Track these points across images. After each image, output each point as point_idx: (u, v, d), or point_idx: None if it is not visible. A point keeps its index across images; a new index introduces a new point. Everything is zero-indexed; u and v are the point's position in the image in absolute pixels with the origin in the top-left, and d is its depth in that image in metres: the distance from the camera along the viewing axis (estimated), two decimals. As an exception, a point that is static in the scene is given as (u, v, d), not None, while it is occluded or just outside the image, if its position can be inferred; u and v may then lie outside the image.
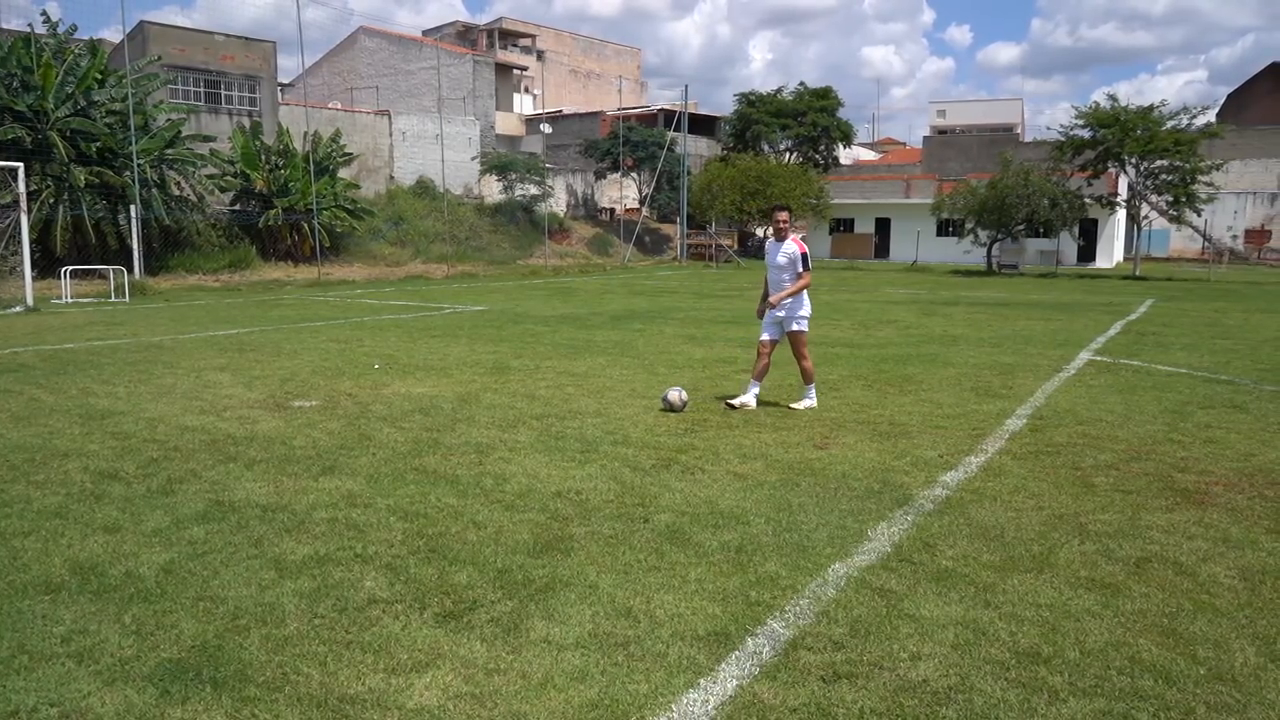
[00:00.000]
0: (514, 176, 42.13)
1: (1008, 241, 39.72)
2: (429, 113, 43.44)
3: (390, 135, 40.71)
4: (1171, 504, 5.65)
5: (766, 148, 52.67)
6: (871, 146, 77.25)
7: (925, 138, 63.38)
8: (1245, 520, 5.34)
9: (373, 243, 35.18)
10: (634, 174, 49.31)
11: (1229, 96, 73.68)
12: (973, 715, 3.20)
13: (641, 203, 48.89)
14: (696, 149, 55.49)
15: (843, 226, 50.87)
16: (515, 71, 56.63)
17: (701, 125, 59.14)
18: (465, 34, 61.87)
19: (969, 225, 38.87)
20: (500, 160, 43.05)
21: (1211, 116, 42.22)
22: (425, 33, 61.04)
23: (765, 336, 8.64)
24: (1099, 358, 12.14)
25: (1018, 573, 4.49)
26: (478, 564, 4.54)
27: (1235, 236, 50.60)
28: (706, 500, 5.63)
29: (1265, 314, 19.29)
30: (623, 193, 50.38)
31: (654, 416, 8.09)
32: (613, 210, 50.20)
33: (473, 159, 43.53)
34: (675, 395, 8.28)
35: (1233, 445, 7.16)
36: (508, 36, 62.01)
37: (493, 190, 43.35)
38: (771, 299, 8.49)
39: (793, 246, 8.45)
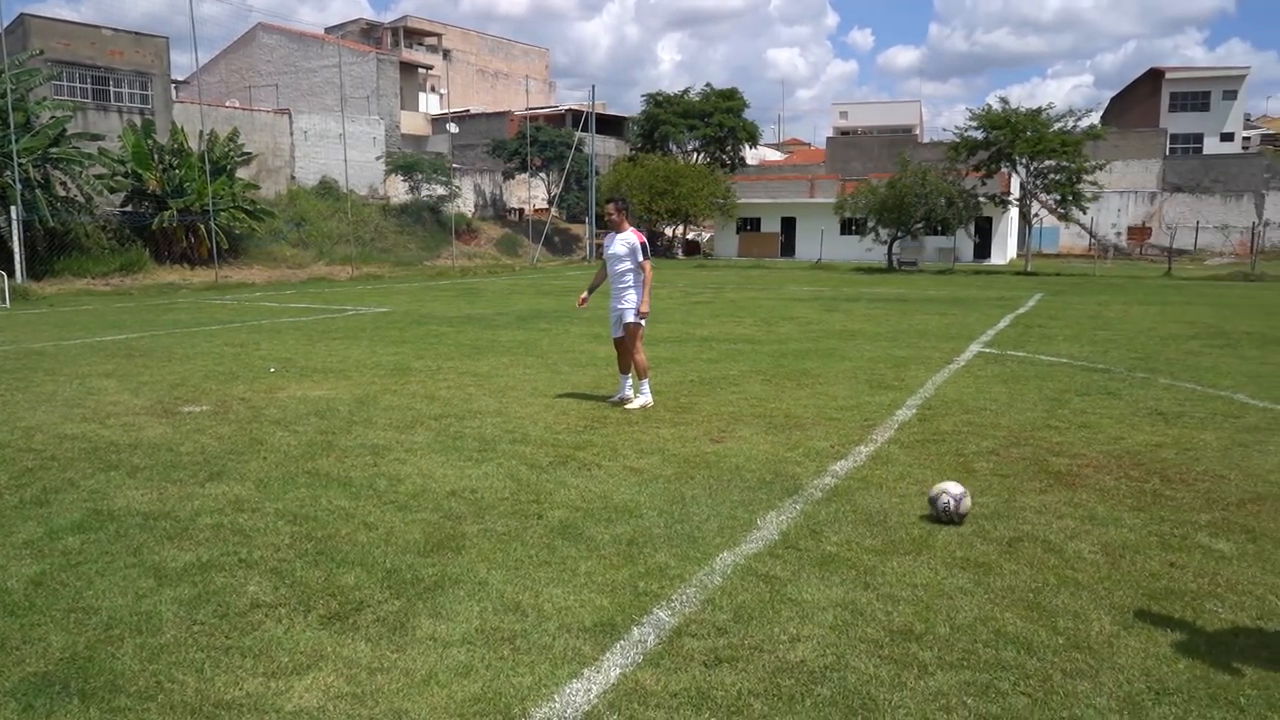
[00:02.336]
0: (420, 177, 41.64)
1: (907, 239, 40.85)
2: (331, 112, 42.56)
3: (291, 134, 39.76)
4: (1045, 486, 5.92)
5: (674, 148, 53.16)
6: (777, 147, 78.58)
7: (829, 138, 64.78)
8: (1111, 499, 5.63)
9: (273, 244, 34.30)
10: (542, 174, 49.19)
11: (1112, 100, 77.13)
12: (846, 692, 3.31)
13: (550, 203, 48.79)
14: (605, 149, 55.63)
15: (749, 226, 51.59)
16: (421, 70, 55.89)
17: (610, 126, 59.31)
18: (369, 32, 60.85)
19: (870, 224, 39.88)
20: (406, 160, 42.47)
21: (1096, 119, 44.09)
22: (328, 30, 59.79)
23: (616, 335, 8.63)
24: (988, 350, 12.60)
25: (897, 555, 4.65)
26: (366, 565, 4.50)
27: (1119, 233, 53.01)
28: (601, 495, 5.67)
29: (1143, 306, 20.28)
30: (531, 193, 50.20)
31: (554, 414, 8.11)
32: (521, 210, 49.98)
33: (377, 159, 42.83)
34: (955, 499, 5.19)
35: (1104, 430, 7.53)
36: (413, 35, 61.19)
37: (398, 191, 42.74)
38: (643, 308, 8.33)
39: (631, 237, 8.34)
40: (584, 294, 9.03)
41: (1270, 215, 51.05)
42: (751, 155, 60.17)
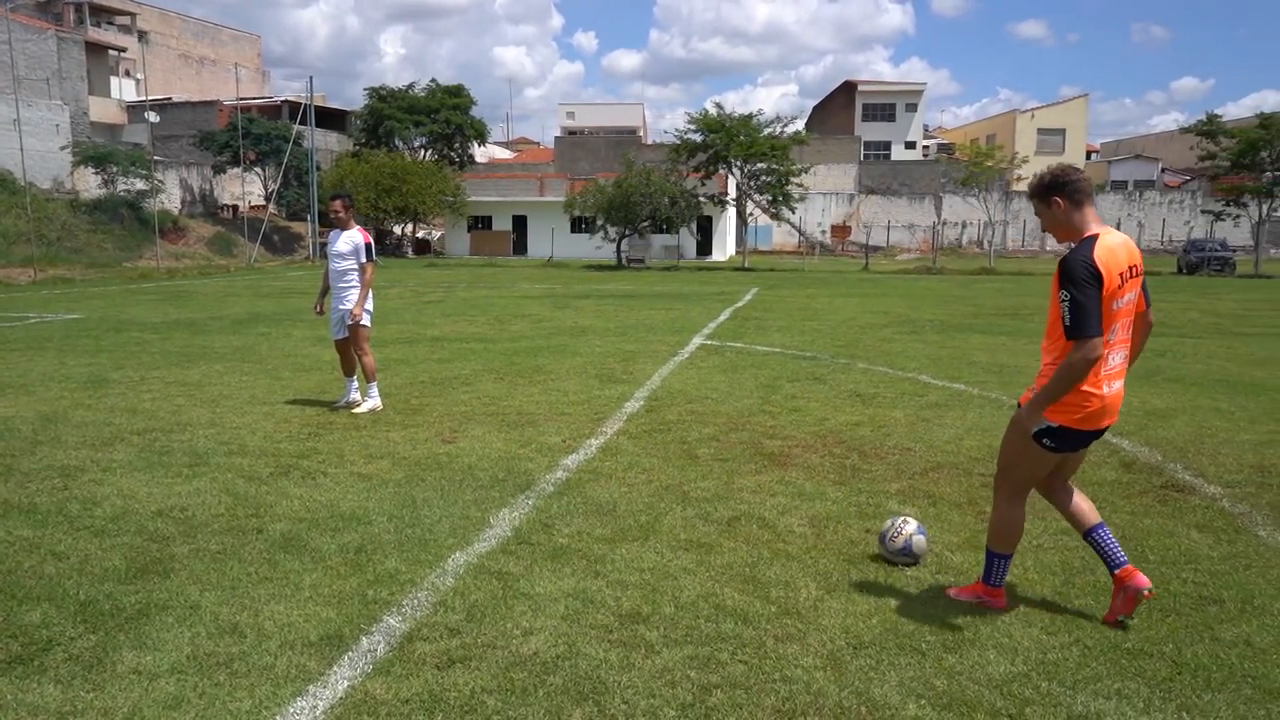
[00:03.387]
0: (115, 170, 37.85)
1: (635, 237, 42.25)
2: (3, 95, 37.74)
3: (-49, 119, 34.85)
4: (760, 467, 6.34)
5: (400, 144, 51.78)
6: (507, 145, 78.63)
7: (557, 138, 65.61)
8: (817, 476, 6.13)
9: (-67, 245, 29.96)
10: (258, 169, 46.30)
11: (814, 109, 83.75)
12: (578, 678, 3.39)
13: (268, 199, 45.97)
14: (326, 144, 53.26)
15: (481, 224, 51.28)
16: (112, 53, 50.89)
17: (331, 119, 56.86)
18: (48, 6, 54.46)
19: (599, 222, 40.87)
20: (97, 151, 38.50)
21: (800, 125, 47.65)
22: (-6, 2, 52.90)
23: (337, 337, 8.37)
24: (709, 342, 13.30)
25: (626, 542, 4.81)
26: (55, 599, 4.06)
27: (824, 231, 57.66)
28: (327, 504, 5.45)
29: (845, 298, 22.20)
30: (246, 189, 47.07)
31: (274, 423, 7.68)
32: (235, 207, 46.76)
33: (63, 149, 38.55)
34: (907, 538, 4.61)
35: (812, 412, 8.18)
36: (101, 13, 55.51)
37: (89, 185, 38.67)
38: (354, 310, 8.04)
39: (356, 235, 8.15)
40: (318, 301, 8.58)
41: (948, 215, 57.47)
42: (481, 153, 59.80)
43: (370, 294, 8.25)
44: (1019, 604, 4.07)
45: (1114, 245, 3.64)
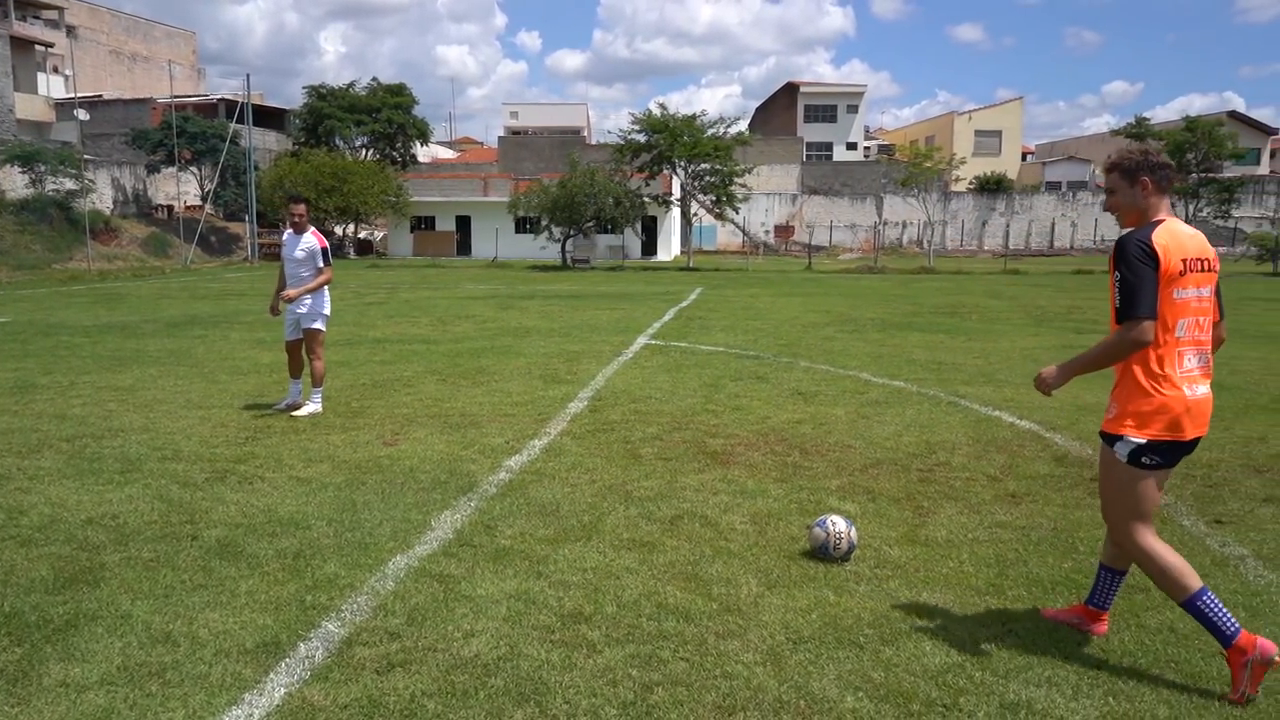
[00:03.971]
0: (44, 169, 36.75)
1: (580, 238, 42.17)
2: (-78, 91, 36.44)
3: None
4: (703, 466, 6.38)
5: (341, 144, 51.05)
6: (450, 145, 77.94)
7: (500, 138, 65.24)
8: (759, 473, 6.18)
9: None
10: (194, 168, 45.32)
11: (757, 110, 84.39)
12: (519, 680, 3.39)
13: (204, 200, 45.03)
14: (265, 143, 52.33)
15: (424, 224, 50.77)
16: (39, 48, 49.41)
17: (269, 118, 55.85)
18: (-32, 0, 52.68)
19: (544, 222, 40.70)
20: (23, 149, 37.32)
21: (744, 126, 48.03)
22: (-88, -5, 51.07)
23: (290, 339, 8.36)
24: (654, 341, 13.33)
25: (569, 542, 4.81)
26: (-22, 611, 3.94)
27: (768, 231, 58.15)
28: (265, 509, 5.36)
29: (788, 298, 22.41)
30: (181, 189, 46.04)
31: (210, 427, 7.53)
32: (171, 208, 45.71)
33: (-14, 147, 37.29)
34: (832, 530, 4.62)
35: (754, 411, 8.24)
36: (27, 6, 53.82)
37: (15, 184, 37.46)
38: (288, 293, 8.03)
39: (312, 240, 8.14)
40: (273, 300, 8.47)
41: (888, 215, 58.33)
42: (424, 153, 59.18)
43: (328, 299, 8.32)
44: (955, 596, 4.16)
45: (1180, 232, 3.39)
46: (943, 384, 9.71)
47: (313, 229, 8.24)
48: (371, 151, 52.20)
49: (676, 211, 46.11)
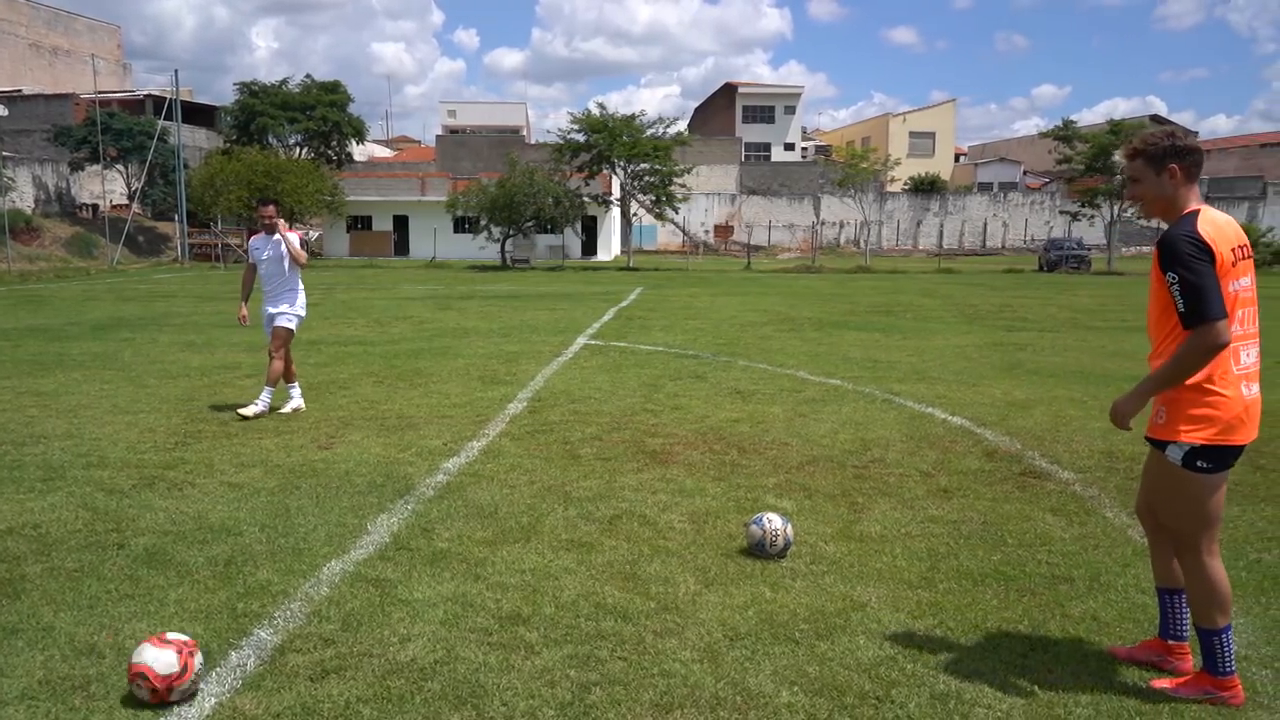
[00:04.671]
0: (-41, 166, 35.45)
1: (519, 237, 41.97)
2: None
3: None
4: (642, 465, 6.40)
5: (274, 141, 50.10)
6: (386, 144, 77.00)
7: (438, 137, 64.64)
8: (697, 472, 6.22)
9: None
10: (120, 166, 44.08)
11: (696, 110, 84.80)
12: (456, 683, 3.37)
13: (131, 199, 43.83)
14: (195, 140, 51.16)
15: (360, 224, 50.10)
16: (-47, 41, 47.57)
17: (199, 115, 54.66)
18: (-125, -10, 50.62)
19: (483, 222, 40.42)
20: (-62, 146, 35.97)
21: (683, 126, 48.22)
22: None
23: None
24: (594, 341, 13.33)
25: (507, 544, 4.79)
26: (-110, 626, 3.79)
27: (707, 231, 58.48)
28: (195, 516, 5.24)
29: (727, 297, 22.57)
30: (106, 187, 44.76)
31: (138, 432, 7.34)
32: (96, 207, 44.41)
33: (-102, 144, 35.87)
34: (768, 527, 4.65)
35: (693, 410, 8.29)
36: (-60, -2, 51.90)
37: (-70, 182, 36.09)
38: (296, 250, 8.14)
39: (291, 236, 8.18)
40: (242, 307, 8.44)
41: (826, 216, 59.07)
42: (360, 152, 58.37)
43: (304, 301, 8.34)
44: (888, 590, 4.23)
45: (1220, 220, 3.14)
46: (878, 382, 9.87)
47: (283, 224, 8.19)
48: (306, 150, 51.32)
49: (616, 211, 46.13)
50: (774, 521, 4.62)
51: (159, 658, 3.17)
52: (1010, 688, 3.35)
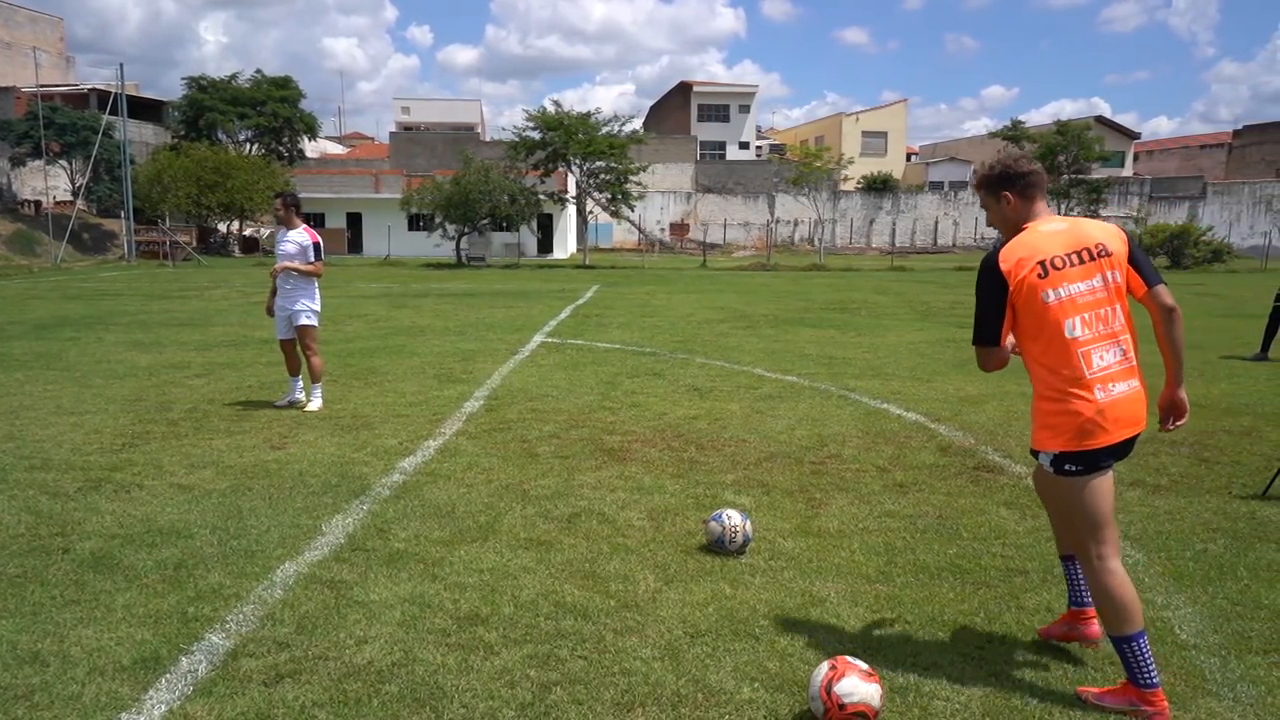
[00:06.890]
0: (-107, 161, 34.36)
1: (474, 235, 41.65)
2: None
3: None
4: (600, 463, 6.38)
5: (224, 137, 49.26)
6: (339, 140, 76.05)
7: (392, 134, 63.92)
8: (656, 469, 6.21)
9: None
10: (63, 161, 42.99)
11: (651, 108, 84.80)
12: (414, 685, 3.32)
13: (76, 195, 42.79)
14: (142, 136, 50.07)
15: (313, 221, 49.19)
16: (-114, 32, 46.06)
17: (146, 110, 53.49)
18: None
19: (438, 220, 40.06)
20: None
21: (638, 124, 48.20)
22: None
23: (281, 337, 8.36)
24: (550, 339, 13.27)
25: (464, 544, 4.75)
26: None
27: (663, 229, 58.52)
28: (143, 518, 5.12)
29: (684, 295, 22.61)
30: (49, 183, 43.65)
31: (84, 434, 7.16)
32: (39, 203, 43.28)
33: None
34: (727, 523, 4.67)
35: (651, 407, 8.29)
36: None
37: None
38: (276, 267, 8.14)
39: (304, 235, 8.20)
40: (269, 300, 8.46)
41: (780, 214, 59.43)
42: (312, 148, 57.56)
43: (319, 295, 8.39)
44: (846, 585, 4.26)
45: (1041, 234, 3.28)
46: (833, 378, 9.94)
47: (303, 225, 8.25)
48: (256, 146, 50.51)
49: (572, 209, 45.98)
50: (733, 518, 4.63)
51: (874, 692, 3.07)
52: (968, 679, 3.39)
